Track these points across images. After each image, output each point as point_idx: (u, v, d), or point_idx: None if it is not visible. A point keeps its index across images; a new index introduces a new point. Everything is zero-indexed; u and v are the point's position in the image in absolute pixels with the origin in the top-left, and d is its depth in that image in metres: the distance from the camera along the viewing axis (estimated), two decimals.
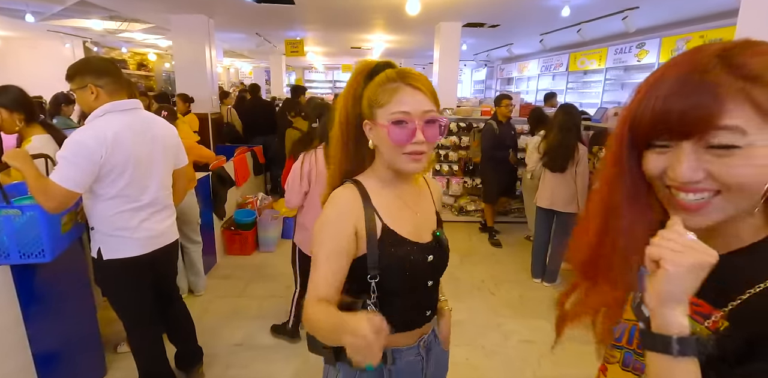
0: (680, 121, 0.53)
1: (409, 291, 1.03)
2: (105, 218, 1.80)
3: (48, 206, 1.64)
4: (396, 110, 0.90)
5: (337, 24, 7.27)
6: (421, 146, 0.92)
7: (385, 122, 0.90)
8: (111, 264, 1.84)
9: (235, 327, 2.88)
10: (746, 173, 0.52)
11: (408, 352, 1.06)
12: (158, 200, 1.93)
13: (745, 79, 0.50)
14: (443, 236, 1.07)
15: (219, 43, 8.72)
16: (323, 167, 2.35)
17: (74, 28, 7.53)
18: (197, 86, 5.69)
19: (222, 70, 15.92)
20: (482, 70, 14.30)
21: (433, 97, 0.93)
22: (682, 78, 0.53)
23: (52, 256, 1.75)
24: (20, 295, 1.77)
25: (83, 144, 1.66)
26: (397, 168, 0.96)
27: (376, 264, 0.96)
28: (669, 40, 6.41)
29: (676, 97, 0.53)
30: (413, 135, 0.90)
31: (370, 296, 0.97)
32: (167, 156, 1.98)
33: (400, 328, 1.02)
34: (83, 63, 1.82)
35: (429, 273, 1.04)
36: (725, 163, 0.52)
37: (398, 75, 0.92)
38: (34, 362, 1.85)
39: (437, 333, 1.14)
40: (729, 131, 0.51)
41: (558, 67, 9.75)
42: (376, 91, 0.92)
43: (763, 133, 0.51)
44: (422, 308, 1.07)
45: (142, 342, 2.08)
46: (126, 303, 1.98)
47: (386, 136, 0.90)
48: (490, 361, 2.58)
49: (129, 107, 1.84)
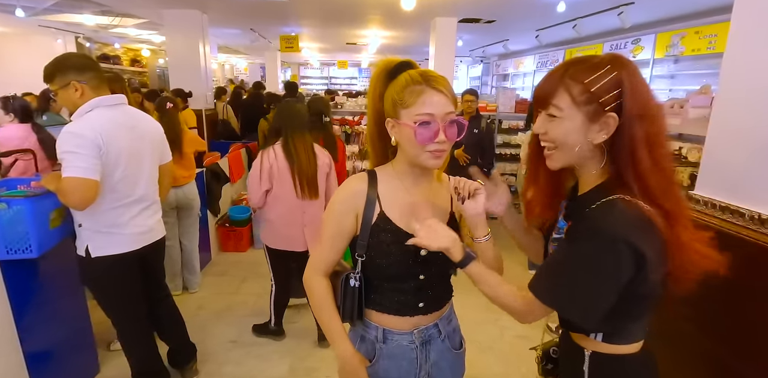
0: (538, 99, 0.92)
1: (397, 279, 1.08)
2: (95, 215, 1.77)
3: (72, 203, 1.63)
4: (421, 112, 0.96)
5: (332, 20, 7.24)
6: (443, 145, 0.99)
7: (411, 122, 0.97)
8: (100, 261, 1.81)
9: (229, 324, 2.87)
10: (559, 133, 0.89)
11: (400, 337, 1.11)
12: (148, 196, 1.92)
13: (570, 78, 0.86)
14: None
15: (213, 39, 8.66)
16: (284, 164, 2.34)
17: (66, 23, 7.45)
18: (191, 82, 5.65)
19: (217, 66, 15.82)
20: (478, 66, 14.28)
21: (453, 99, 1.00)
22: (546, 76, 0.92)
23: (39, 251, 1.73)
24: (10, 293, 1.75)
25: (80, 134, 1.63)
26: (419, 164, 1.02)
27: (365, 245, 1.06)
28: (664, 35, 6.42)
29: (540, 85, 0.92)
30: (436, 135, 0.96)
31: (354, 272, 1.08)
32: (155, 151, 1.96)
33: (390, 311, 1.10)
34: (62, 60, 1.75)
35: (420, 267, 1.07)
36: (551, 125, 0.90)
37: (423, 77, 0.98)
38: (26, 360, 1.83)
39: (443, 330, 1.16)
40: (555, 107, 0.88)
41: (554, 63, 9.74)
42: (402, 92, 0.98)
43: (572, 113, 0.87)
44: (414, 299, 1.10)
45: (133, 340, 2.06)
46: (115, 301, 1.96)
47: (412, 135, 0.97)
48: (485, 356, 2.58)
49: (115, 102, 1.81)
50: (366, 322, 1.14)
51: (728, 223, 1.16)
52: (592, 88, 0.83)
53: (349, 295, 1.09)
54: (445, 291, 1.19)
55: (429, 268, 1.08)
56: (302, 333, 2.77)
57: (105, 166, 1.70)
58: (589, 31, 6.91)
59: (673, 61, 6.52)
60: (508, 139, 5.42)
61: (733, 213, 1.14)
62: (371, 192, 1.07)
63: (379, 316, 1.11)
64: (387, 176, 1.10)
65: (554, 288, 0.89)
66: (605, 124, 0.84)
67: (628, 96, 0.82)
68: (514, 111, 5.32)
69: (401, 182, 1.09)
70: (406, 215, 1.06)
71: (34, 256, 1.73)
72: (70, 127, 1.65)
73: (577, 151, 0.89)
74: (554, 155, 0.92)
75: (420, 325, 1.12)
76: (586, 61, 0.87)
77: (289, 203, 2.39)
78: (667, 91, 6.61)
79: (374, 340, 1.12)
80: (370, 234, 1.06)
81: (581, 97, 0.85)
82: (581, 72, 0.85)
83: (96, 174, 1.64)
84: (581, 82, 0.85)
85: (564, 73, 0.87)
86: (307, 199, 2.40)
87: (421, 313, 1.11)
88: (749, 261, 1.08)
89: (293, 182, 2.35)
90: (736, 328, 1.14)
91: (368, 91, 1.08)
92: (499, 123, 5.38)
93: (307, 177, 2.36)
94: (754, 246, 1.07)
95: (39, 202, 1.73)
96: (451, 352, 1.18)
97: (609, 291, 0.83)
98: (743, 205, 1.13)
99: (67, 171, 1.60)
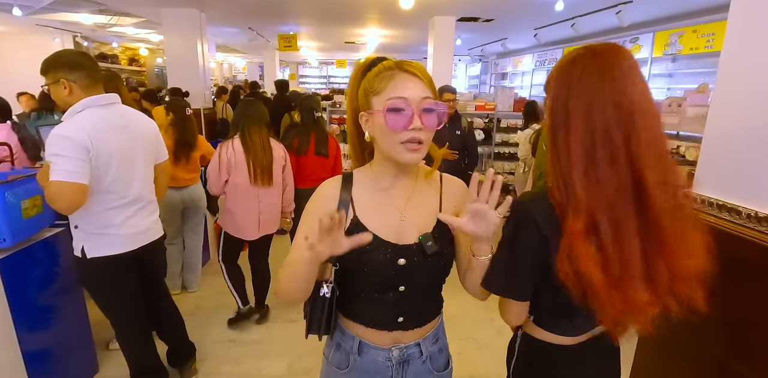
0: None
1: (372, 290, 0.98)
2: (89, 216, 1.76)
3: (59, 207, 1.61)
4: (393, 96, 0.87)
5: (331, 18, 7.23)
6: (419, 133, 0.88)
7: (381, 109, 0.87)
8: (95, 262, 1.80)
9: (228, 323, 2.87)
10: None
11: (376, 352, 1.02)
12: (143, 196, 1.89)
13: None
14: (429, 242, 0.95)
15: (211, 38, 8.64)
16: (241, 156, 2.52)
17: (63, 22, 7.43)
18: (189, 81, 5.65)
19: (215, 65, 15.79)
20: (477, 65, 14.28)
21: (430, 85, 0.91)
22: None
23: (13, 241, 1.73)
24: (8, 292, 1.74)
25: (66, 137, 1.60)
26: (394, 159, 0.92)
27: None
28: (662, 34, 6.43)
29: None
30: (411, 121, 0.86)
31: (329, 279, 0.98)
32: (148, 151, 1.93)
33: (367, 324, 1.01)
34: (56, 56, 1.74)
35: (398, 277, 0.96)
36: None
37: (395, 63, 0.91)
38: (24, 360, 1.82)
39: (425, 350, 1.06)
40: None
41: (552, 62, 9.75)
42: (373, 80, 0.90)
43: None
44: (392, 313, 0.99)
45: (131, 340, 2.06)
46: (112, 301, 1.95)
47: (383, 122, 0.87)
48: (483, 354, 2.59)
49: (107, 102, 1.79)
50: (343, 330, 1.05)
51: (725, 221, 1.16)
52: None
53: (318, 304, 0.98)
54: (431, 306, 1.07)
55: (410, 279, 0.97)
56: (300, 332, 2.76)
57: (96, 168, 1.68)
58: (588, 30, 6.92)
59: (671, 59, 6.53)
60: (507, 137, 5.43)
61: (730, 211, 1.14)
62: (344, 195, 0.97)
63: (357, 327, 1.02)
64: (364, 178, 1.00)
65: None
66: None
67: None
68: (513, 110, 5.33)
69: (378, 183, 0.99)
70: (385, 221, 0.96)
71: (8, 246, 1.73)
72: (58, 129, 1.62)
73: None
74: None
75: (400, 341, 1.02)
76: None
77: (246, 191, 2.58)
78: (665, 90, 6.62)
79: (349, 350, 1.04)
80: None
81: None
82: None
83: (83, 178, 1.61)
84: None
85: None
86: (261, 187, 2.59)
87: (401, 328, 1.01)
88: (747, 259, 1.09)
89: (248, 170, 2.54)
90: (735, 327, 1.14)
91: (346, 92, 1.01)
92: (498, 122, 5.38)
93: (262, 166, 2.56)
94: (751, 244, 1.07)
95: (6, 189, 1.72)
96: (432, 374, 1.09)
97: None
98: (741, 203, 1.13)
99: (53, 175, 1.57)
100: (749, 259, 1.08)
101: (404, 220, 0.98)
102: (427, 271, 0.97)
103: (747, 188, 1.13)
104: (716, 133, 1.25)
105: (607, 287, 0.78)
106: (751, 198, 1.11)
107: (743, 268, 1.10)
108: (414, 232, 0.97)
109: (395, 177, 0.99)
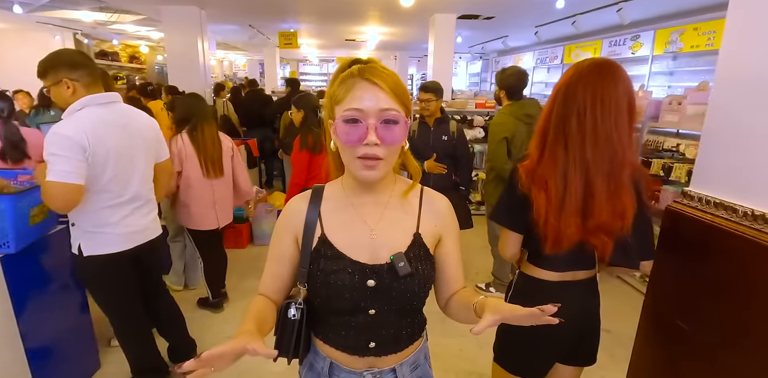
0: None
1: (341, 313, 0.92)
2: (86, 214, 1.77)
3: (54, 206, 1.63)
4: (349, 107, 0.81)
5: (331, 16, 7.21)
6: (374, 149, 0.80)
7: (340, 120, 0.81)
8: (92, 260, 1.82)
9: (229, 320, 2.89)
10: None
11: (347, 376, 0.96)
12: (141, 195, 1.89)
13: None
14: (402, 262, 0.88)
15: (211, 36, 8.63)
16: (191, 149, 2.67)
17: (64, 19, 7.41)
18: (190, 79, 5.65)
19: (216, 62, 15.77)
20: (477, 62, 14.25)
21: (394, 95, 0.82)
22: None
23: (17, 247, 1.74)
24: (11, 289, 1.75)
25: (64, 136, 1.61)
26: (353, 174, 0.86)
27: (305, 273, 0.91)
28: (663, 32, 6.41)
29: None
30: (365, 136, 0.79)
31: (298, 300, 0.94)
32: (148, 149, 1.93)
33: (338, 347, 0.95)
34: (54, 57, 1.74)
35: (368, 299, 0.89)
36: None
37: (359, 70, 0.83)
38: (27, 357, 1.84)
39: (401, 376, 0.98)
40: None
41: (553, 60, 9.73)
42: (336, 88, 0.84)
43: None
44: (363, 337, 0.93)
45: (130, 337, 2.07)
46: (110, 299, 1.96)
47: (338, 134, 0.82)
48: (483, 352, 2.60)
49: (107, 101, 1.78)
50: (316, 350, 0.99)
51: (721, 218, 1.17)
52: None
53: (288, 327, 0.93)
54: (409, 329, 0.97)
55: (381, 301, 0.90)
56: None
57: (93, 167, 1.68)
58: (589, 28, 6.91)
59: (672, 57, 6.51)
60: None
61: (727, 209, 1.15)
62: (311, 211, 0.91)
63: (328, 349, 0.96)
64: (334, 192, 0.94)
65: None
66: None
67: None
68: None
69: (348, 199, 0.93)
70: (354, 239, 0.90)
71: (12, 252, 1.74)
72: (56, 128, 1.63)
73: None
74: None
75: (374, 366, 0.95)
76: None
77: (200, 183, 2.72)
78: (666, 88, 6.61)
79: (320, 371, 0.97)
80: (310, 260, 0.90)
81: None
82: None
83: (79, 178, 1.61)
84: None
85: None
86: (214, 178, 2.74)
87: (373, 354, 0.94)
88: (743, 257, 1.10)
89: (200, 163, 2.68)
90: (732, 325, 1.15)
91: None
92: None
93: (213, 159, 2.72)
94: (747, 242, 1.08)
95: (19, 200, 1.74)
96: None
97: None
98: (738, 201, 1.14)
99: (50, 174, 1.58)
100: (746, 256, 1.09)
101: (375, 238, 0.91)
102: (401, 293, 0.89)
103: (743, 186, 1.14)
104: (713, 132, 1.25)
105: (550, 218, 1.18)
106: (748, 196, 1.12)
107: (739, 264, 1.11)
108: (386, 252, 0.90)
109: (365, 192, 0.92)
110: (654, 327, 1.43)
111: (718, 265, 1.18)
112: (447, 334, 2.74)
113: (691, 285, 1.26)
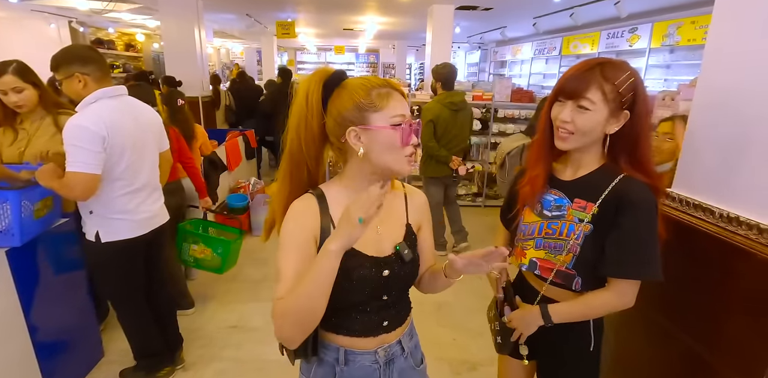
0: (570, 91, 1.08)
1: (360, 303, 1.00)
2: (106, 202, 1.85)
3: (74, 196, 1.71)
4: (396, 113, 0.92)
5: (328, 6, 7.17)
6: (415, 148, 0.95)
7: (388, 125, 0.91)
8: (110, 246, 1.89)
9: (229, 310, 2.96)
10: (586, 123, 1.07)
11: (363, 357, 1.04)
12: (150, 183, 1.99)
13: (604, 78, 1.04)
14: (406, 250, 1.02)
15: (208, 24, 8.55)
16: None
17: (59, 7, 7.34)
18: (187, 67, 5.61)
19: (213, 50, 15.62)
20: (476, 52, 14.19)
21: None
22: (578, 72, 1.08)
23: (22, 241, 1.79)
24: (17, 283, 1.80)
25: (83, 127, 1.68)
26: (393, 170, 0.95)
27: None
28: (661, 25, 6.41)
29: (574, 79, 1.08)
30: (410, 137, 0.93)
31: None
32: (155, 140, 2.05)
33: (353, 334, 1.03)
34: (66, 52, 1.82)
35: (383, 288, 1.01)
36: (580, 116, 1.07)
37: (384, 81, 0.95)
38: (34, 348, 1.89)
39: (405, 347, 1.10)
40: (588, 101, 1.05)
41: (551, 51, 9.72)
42: (369, 96, 0.91)
43: (601, 107, 1.05)
44: (378, 319, 1.03)
45: (134, 323, 2.13)
46: (118, 284, 2.03)
47: (394, 138, 0.91)
48: (476, 341, 2.68)
49: (117, 93, 1.87)
50: (324, 344, 1.05)
51: (698, 219, 1.22)
52: (621, 89, 1.04)
53: None
54: (407, 304, 1.13)
55: (393, 287, 1.02)
56: None
57: (110, 156, 1.77)
58: (587, 20, 6.90)
59: (669, 50, 6.53)
60: (503, 128, 5.46)
61: (705, 211, 1.20)
62: (324, 216, 0.97)
63: (340, 338, 1.03)
64: (337, 196, 1.00)
65: (641, 260, 1.08)
66: (619, 118, 1.07)
67: (640, 98, 1.06)
68: (510, 100, 5.34)
69: (352, 199, 0.94)
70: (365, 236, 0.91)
71: (17, 245, 1.78)
72: (75, 120, 1.70)
73: (591, 138, 1.11)
74: (571, 138, 1.11)
75: (384, 342, 1.06)
76: (616, 65, 1.06)
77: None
78: (662, 81, 6.64)
79: (334, 362, 1.04)
80: None
81: (611, 95, 1.04)
82: (613, 73, 1.04)
83: (98, 169, 1.71)
84: (613, 82, 1.04)
85: (600, 72, 1.04)
86: None
87: (385, 331, 1.05)
88: (715, 255, 1.15)
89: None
90: (709, 323, 1.20)
91: (296, 103, 0.95)
92: (495, 112, 5.41)
93: None
94: (720, 241, 1.14)
95: (25, 194, 1.79)
96: (414, 370, 1.13)
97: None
98: (716, 204, 1.19)
99: (71, 165, 1.66)
100: (717, 255, 1.16)
101: (380, 233, 1.02)
102: (407, 277, 1.04)
103: (720, 190, 1.19)
104: (694, 135, 1.29)
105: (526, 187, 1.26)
106: (724, 199, 1.17)
107: (712, 262, 1.17)
108: (389, 243, 1.02)
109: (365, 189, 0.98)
110: (634, 322, 1.48)
111: (695, 263, 1.24)
112: (441, 323, 2.82)
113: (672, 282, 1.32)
